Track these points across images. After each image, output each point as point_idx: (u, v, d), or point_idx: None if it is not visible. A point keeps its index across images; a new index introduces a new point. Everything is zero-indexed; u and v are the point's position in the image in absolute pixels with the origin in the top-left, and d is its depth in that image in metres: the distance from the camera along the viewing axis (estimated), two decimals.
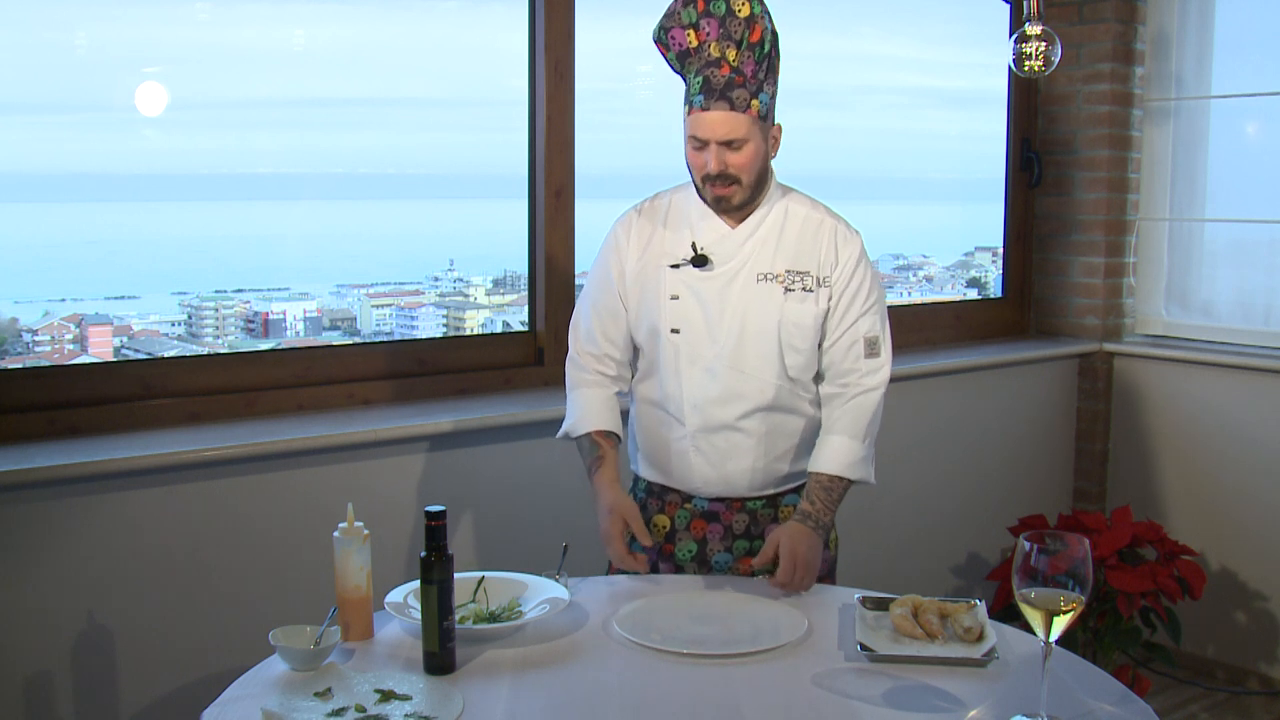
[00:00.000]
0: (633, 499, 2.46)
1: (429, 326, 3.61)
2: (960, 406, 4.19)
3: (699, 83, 2.33)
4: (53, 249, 3.21)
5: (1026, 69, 3.05)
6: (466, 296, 3.71)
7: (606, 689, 1.94)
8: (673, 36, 2.35)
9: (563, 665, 2.02)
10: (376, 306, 3.59)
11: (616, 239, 2.54)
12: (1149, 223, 4.51)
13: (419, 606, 2.02)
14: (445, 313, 3.66)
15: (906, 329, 4.23)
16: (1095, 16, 4.39)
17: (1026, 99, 4.58)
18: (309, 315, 3.46)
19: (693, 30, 2.33)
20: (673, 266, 2.45)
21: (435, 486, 3.09)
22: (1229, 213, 4.35)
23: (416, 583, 2.09)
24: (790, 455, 2.51)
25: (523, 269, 3.54)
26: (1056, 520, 4.01)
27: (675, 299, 2.45)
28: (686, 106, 2.37)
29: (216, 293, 3.34)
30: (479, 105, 3.53)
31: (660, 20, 2.37)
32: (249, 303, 3.38)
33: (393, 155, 3.41)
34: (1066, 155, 4.52)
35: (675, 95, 2.42)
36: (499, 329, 3.64)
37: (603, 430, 2.52)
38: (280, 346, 3.29)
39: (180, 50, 3.01)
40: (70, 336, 3.13)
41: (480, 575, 2.27)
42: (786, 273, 2.42)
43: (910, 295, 4.70)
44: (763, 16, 2.32)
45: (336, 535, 2.10)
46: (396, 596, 2.18)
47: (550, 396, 3.28)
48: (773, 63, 2.35)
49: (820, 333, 2.45)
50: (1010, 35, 3.18)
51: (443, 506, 2.01)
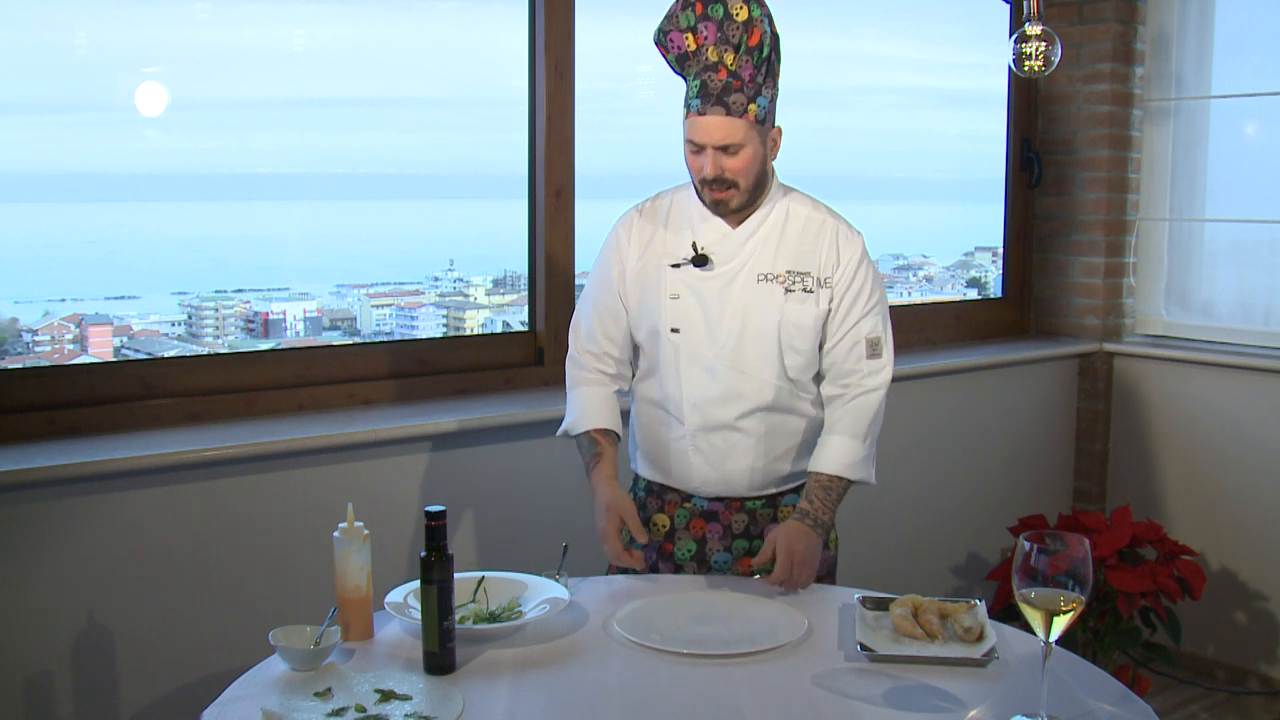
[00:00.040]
0: (630, 496, 2.47)
1: (429, 326, 3.61)
2: (960, 406, 4.19)
3: (696, 86, 2.33)
4: (53, 249, 3.21)
5: (1026, 69, 3.05)
6: (466, 296, 3.71)
7: (606, 689, 1.94)
8: (671, 39, 2.35)
9: (563, 665, 2.02)
10: (376, 306, 3.59)
11: (617, 238, 2.54)
12: (1149, 223, 4.51)
13: (419, 606, 2.02)
14: (445, 313, 3.66)
15: (906, 329, 4.22)
16: (1095, 16, 4.39)
17: (1026, 99, 4.58)
18: (309, 315, 3.46)
19: (691, 34, 2.33)
20: (673, 266, 2.45)
21: (435, 486, 3.09)
22: (1229, 213, 4.35)
23: (416, 583, 2.09)
24: (790, 455, 2.51)
25: (523, 269, 3.54)
26: (1056, 520, 4.01)
27: (675, 298, 2.45)
28: (685, 110, 2.37)
29: (216, 293, 3.34)
30: (479, 105, 3.53)
31: (660, 23, 2.36)
32: (249, 303, 3.38)
33: (393, 155, 3.41)
34: (1066, 155, 4.52)
35: (675, 95, 2.42)
36: (499, 329, 3.64)
37: (601, 428, 2.52)
38: (280, 346, 3.29)
39: (180, 50, 3.01)
40: (70, 336, 3.13)
41: (480, 575, 2.27)
42: (787, 273, 2.42)
43: (910, 295, 4.70)
44: (761, 20, 2.31)
45: (336, 535, 2.10)
46: (396, 596, 2.18)
47: (550, 396, 3.28)
48: (772, 66, 2.34)
49: (821, 334, 2.45)
50: (1010, 35, 3.18)
51: (443, 506, 2.01)
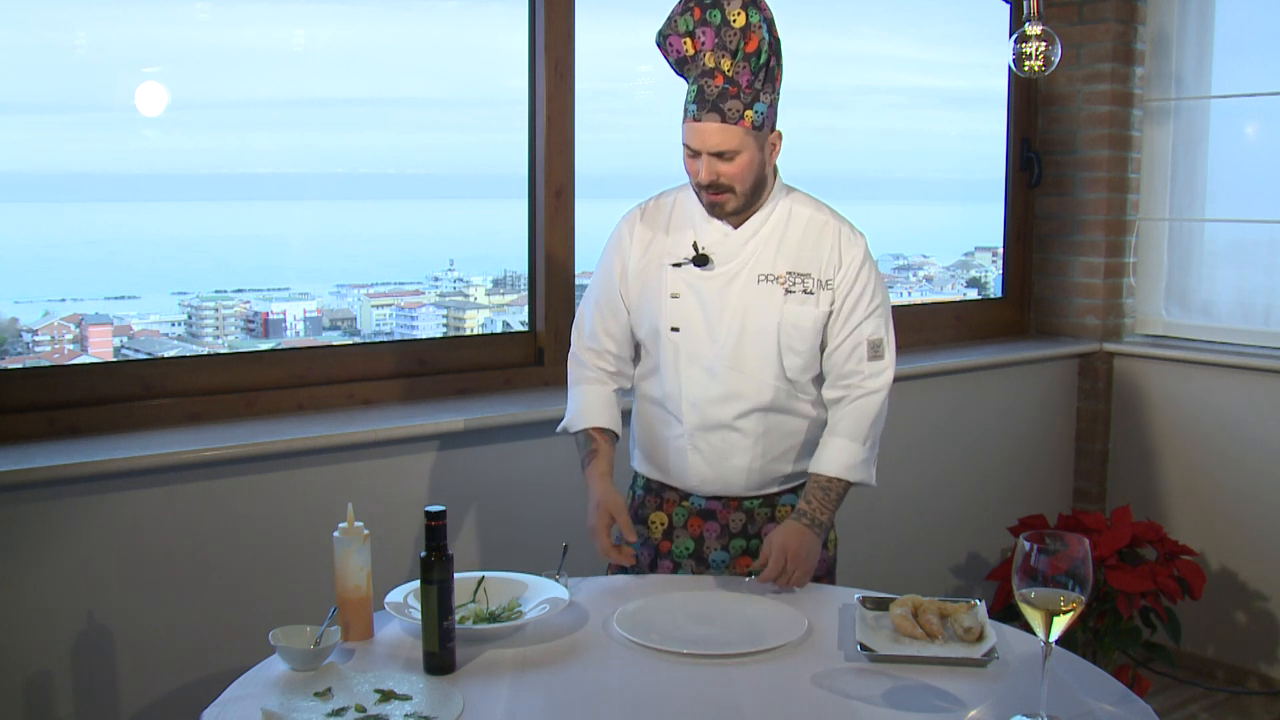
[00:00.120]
0: (619, 494, 2.47)
1: (429, 326, 3.61)
2: (960, 406, 4.19)
3: (694, 92, 2.33)
4: (53, 249, 3.21)
5: (1026, 69, 3.05)
6: (466, 296, 3.71)
7: (606, 689, 1.94)
8: (670, 43, 2.35)
9: (563, 665, 2.02)
10: (376, 306, 3.59)
11: (620, 237, 2.55)
12: (1149, 223, 4.51)
13: (419, 606, 2.02)
14: (445, 313, 3.66)
15: (906, 329, 4.22)
16: (1095, 16, 4.39)
17: (1026, 99, 4.58)
18: (309, 315, 3.46)
19: (689, 38, 2.33)
20: (674, 265, 2.45)
21: (435, 486, 3.09)
22: (1229, 213, 4.35)
23: (416, 583, 2.09)
24: (789, 456, 2.51)
25: (523, 269, 3.54)
26: (1056, 520, 4.01)
27: (676, 297, 2.45)
28: (683, 114, 2.37)
29: (216, 293, 3.34)
30: (479, 105, 3.53)
31: (661, 26, 2.37)
32: (249, 303, 3.38)
33: (393, 155, 3.41)
34: (1066, 155, 4.52)
35: (675, 95, 2.42)
36: (499, 329, 3.64)
37: (598, 427, 2.53)
38: (280, 346, 3.29)
39: (180, 50, 3.01)
40: (70, 336, 3.12)
41: (480, 575, 2.28)
42: (788, 274, 2.42)
43: (910, 295, 4.70)
44: (759, 26, 2.30)
45: (336, 535, 2.10)
46: (396, 596, 2.19)
47: (550, 396, 3.28)
48: (771, 72, 2.33)
49: (821, 335, 2.45)
50: (1010, 35, 3.18)
51: (443, 506, 2.01)
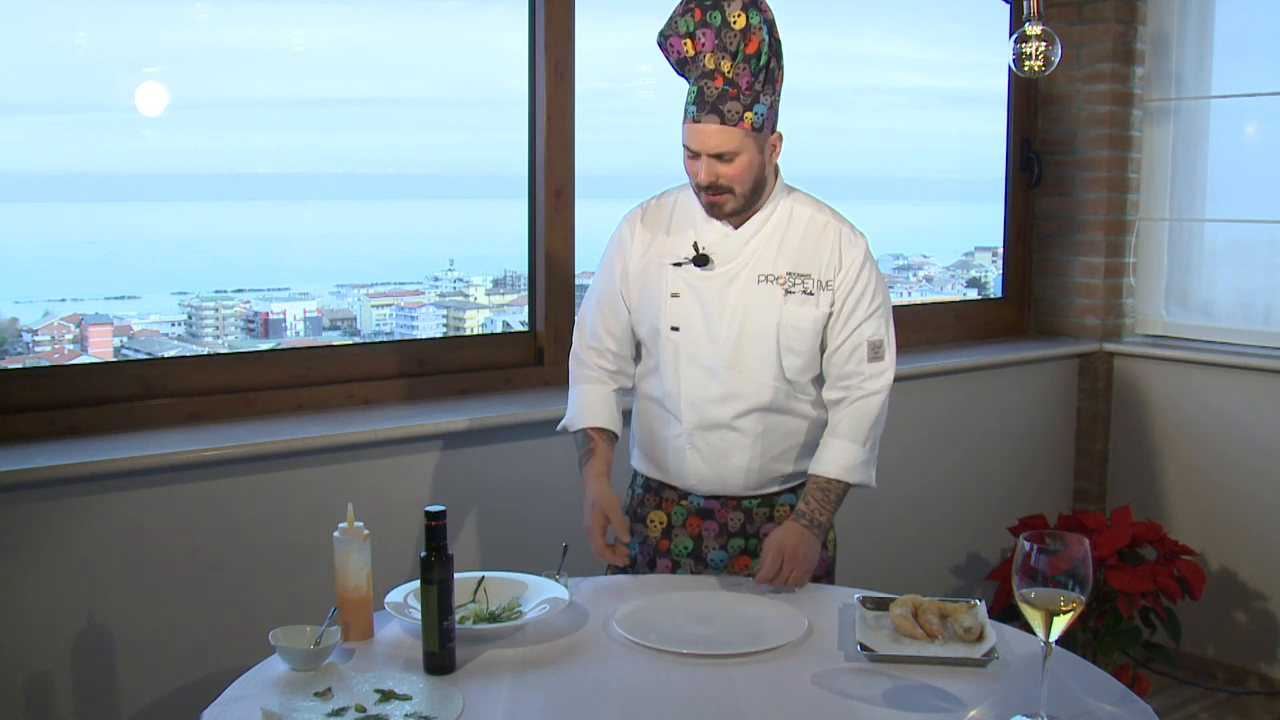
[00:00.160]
0: (616, 494, 2.47)
1: (429, 326, 3.61)
2: (960, 406, 4.19)
3: (694, 93, 2.33)
4: (53, 249, 3.21)
5: (1026, 69, 3.05)
6: (466, 296, 3.71)
7: (606, 689, 1.94)
8: (671, 44, 2.35)
9: (563, 665, 2.02)
10: (376, 306, 3.59)
11: (621, 236, 2.55)
12: (1149, 223, 4.51)
13: (419, 606, 2.02)
14: (445, 313, 3.66)
15: (906, 329, 4.22)
16: (1095, 16, 4.39)
17: (1026, 99, 4.58)
18: (309, 315, 3.46)
19: (689, 39, 2.33)
20: (675, 264, 2.46)
21: (435, 486, 3.09)
22: (1229, 213, 4.35)
23: (416, 583, 2.09)
24: (788, 456, 2.51)
25: (523, 269, 3.54)
26: (1056, 520, 4.01)
27: (676, 297, 2.45)
28: (684, 115, 2.37)
29: (216, 293, 3.34)
30: (479, 105, 3.52)
31: (662, 26, 2.37)
32: (249, 303, 3.38)
33: (393, 155, 3.41)
34: (1066, 155, 4.52)
35: (675, 95, 2.42)
36: (499, 329, 3.64)
37: (597, 426, 2.54)
38: (280, 346, 3.29)
39: (180, 50, 3.01)
40: (70, 336, 3.12)
41: (480, 575, 2.28)
42: (788, 275, 2.42)
43: (910, 295, 4.70)
44: (760, 28, 2.30)
45: (336, 535, 2.10)
46: (396, 596, 2.19)
47: (550, 396, 3.28)
48: (771, 73, 2.33)
49: (821, 336, 2.45)
50: (1010, 35, 3.18)
51: (442, 506, 2.01)
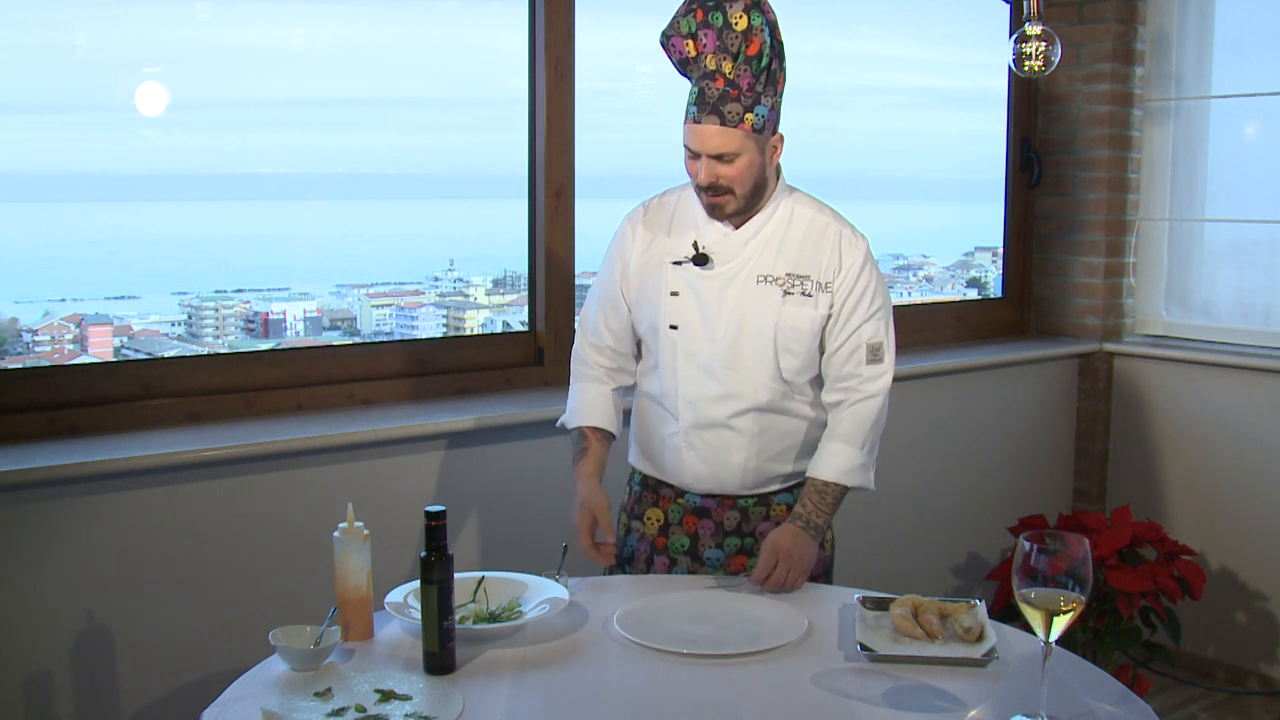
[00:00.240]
0: (605, 494, 2.49)
1: (429, 326, 3.61)
2: (960, 406, 4.19)
3: (695, 93, 2.34)
4: (53, 249, 3.21)
5: (1026, 69, 3.05)
6: (466, 296, 3.71)
7: (606, 689, 1.94)
8: (673, 44, 2.36)
9: (563, 665, 2.02)
10: (376, 306, 3.59)
11: (622, 234, 2.56)
12: (1149, 223, 4.51)
13: (419, 606, 2.02)
14: (445, 313, 3.66)
15: (906, 329, 4.22)
16: (1095, 16, 4.39)
17: (1026, 99, 4.58)
18: (309, 315, 3.46)
19: (691, 40, 2.33)
20: (675, 263, 2.46)
21: (435, 486, 3.09)
22: (1229, 213, 4.35)
23: (416, 583, 2.09)
24: (785, 457, 2.51)
25: (523, 269, 3.54)
26: (1056, 520, 4.01)
27: (675, 295, 2.46)
28: (685, 115, 2.37)
29: (216, 293, 3.34)
30: (479, 105, 3.52)
31: (665, 26, 2.37)
32: (249, 303, 3.38)
33: (393, 155, 3.41)
34: (1066, 155, 4.52)
35: (675, 95, 2.42)
36: (499, 329, 3.64)
37: (592, 425, 2.55)
38: (280, 346, 3.29)
39: (180, 50, 3.01)
40: (70, 336, 3.12)
41: (480, 575, 2.28)
42: (787, 276, 2.42)
43: (910, 295, 4.70)
44: (761, 30, 2.30)
45: (336, 535, 2.10)
46: (396, 596, 2.19)
47: (550, 396, 3.27)
48: (772, 75, 2.33)
49: (819, 337, 2.45)
50: (1010, 35, 3.18)
51: (442, 506, 2.01)
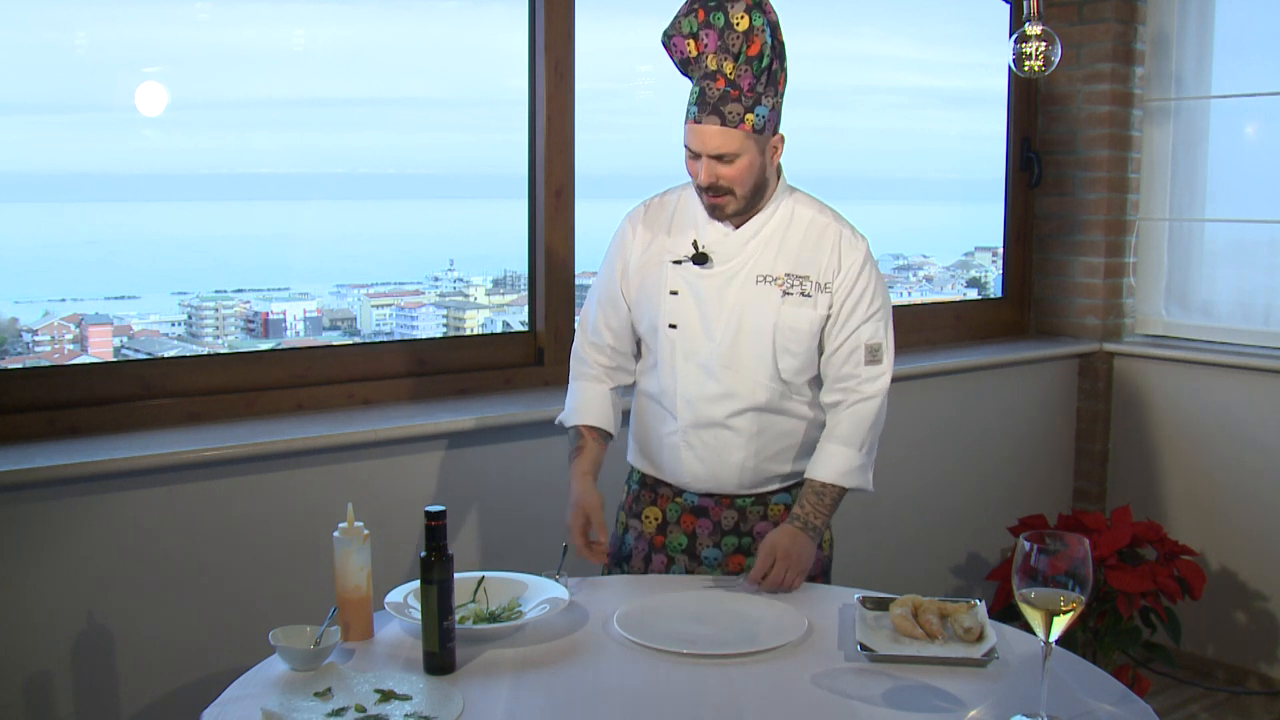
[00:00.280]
0: (598, 493, 2.49)
1: (429, 326, 3.61)
2: (960, 406, 4.19)
3: (696, 93, 2.34)
4: (53, 249, 3.21)
5: (1026, 69, 3.05)
6: (466, 296, 3.71)
7: (606, 689, 1.94)
8: (675, 44, 2.36)
9: (563, 665, 2.02)
10: (376, 306, 3.59)
11: (623, 233, 2.57)
12: (1149, 223, 4.51)
13: (419, 606, 2.02)
14: (445, 313, 3.66)
15: (906, 329, 4.22)
16: (1095, 16, 4.39)
17: (1026, 99, 4.58)
18: (309, 315, 3.46)
19: (693, 40, 2.33)
20: (675, 262, 2.46)
21: (435, 486, 3.09)
22: (1229, 213, 4.35)
23: (416, 583, 2.09)
24: (783, 457, 2.51)
25: (523, 269, 3.54)
26: (1056, 520, 4.01)
27: (675, 294, 2.46)
28: (685, 115, 2.37)
29: (216, 293, 3.34)
30: (479, 105, 3.52)
31: (666, 26, 2.37)
32: (249, 303, 3.38)
33: (393, 155, 3.41)
34: (1066, 155, 4.52)
35: (675, 95, 2.42)
36: (499, 329, 3.64)
37: (588, 424, 2.56)
38: (280, 346, 3.29)
39: (180, 50, 3.01)
40: (70, 336, 3.12)
41: (480, 575, 2.28)
42: (786, 276, 2.42)
43: (910, 295, 4.70)
44: (763, 30, 2.30)
45: (336, 535, 2.10)
46: (396, 596, 2.19)
47: (550, 396, 3.27)
48: (773, 75, 2.33)
49: (818, 338, 2.46)
50: (1010, 35, 3.18)
51: (442, 506, 2.01)
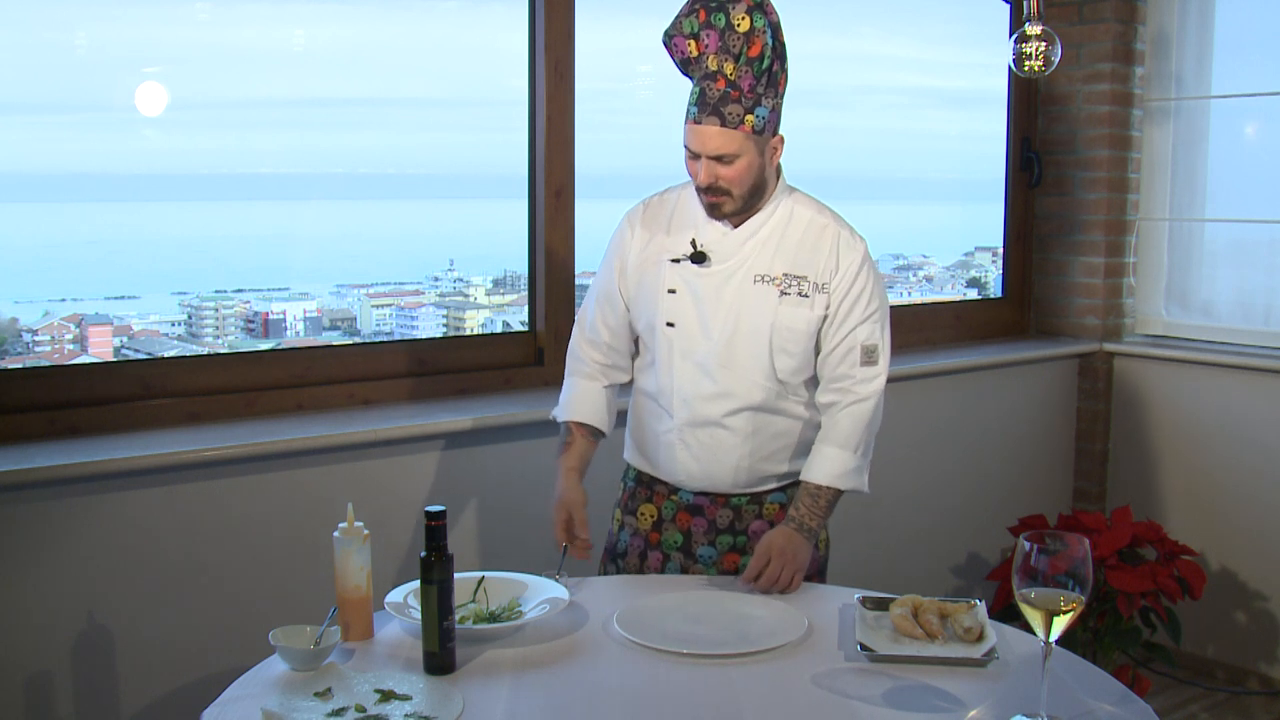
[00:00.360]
0: (582, 490, 2.50)
1: (429, 326, 3.61)
2: (960, 406, 4.19)
3: (696, 94, 2.34)
4: (53, 249, 3.21)
5: (1026, 69, 3.05)
6: (466, 296, 3.71)
7: (606, 689, 1.94)
8: (675, 44, 2.36)
9: (563, 665, 2.02)
10: (376, 306, 3.59)
11: (622, 231, 2.58)
12: (1149, 223, 4.51)
13: (419, 606, 2.02)
14: (445, 313, 3.66)
15: (906, 329, 4.23)
16: (1095, 16, 4.39)
17: (1026, 99, 4.58)
18: (309, 315, 3.46)
19: (693, 40, 2.33)
20: (673, 261, 2.46)
21: (435, 486, 3.09)
22: (1229, 213, 4.35)
23: (416, 583, 2.09)
24: (779, 456, 2.52)
25: (523, 269, 3.54)
26: (1056, 520, 4.01)
27: (672, 293, 2.46)
28: (685, 115, 2.37)
29: (216, 293, 3.34)
30: (479, 105, 3.53)
31: (668, 26, 2.37)
32: (249, 303, 3.38)
33: (393, 155, 3.41)
34: (1066, 155, 4.52)
35: (675, 95, 2.42)
36: (499, 329, 3.64)
37: (579, 421, 2.57)
38: (280, 346, 3.29)
39: (180, 50, 3.01)
40: (70, 336, 3.12)
41: (480, 575, 2.28)
42: (784, 276, 2.42)
43: (910, 295, 4.70)
44: (764, 31, 2.30)
45: (336, 535, 2.10)
46: (396, 596, 2.19)
47: (550, 397, 3.26)
48: (774, 76, 2.33)
49: (815, 338, 2.46)
50: (1010, 35, 3.18)
51: (443, 507, 2.01)
